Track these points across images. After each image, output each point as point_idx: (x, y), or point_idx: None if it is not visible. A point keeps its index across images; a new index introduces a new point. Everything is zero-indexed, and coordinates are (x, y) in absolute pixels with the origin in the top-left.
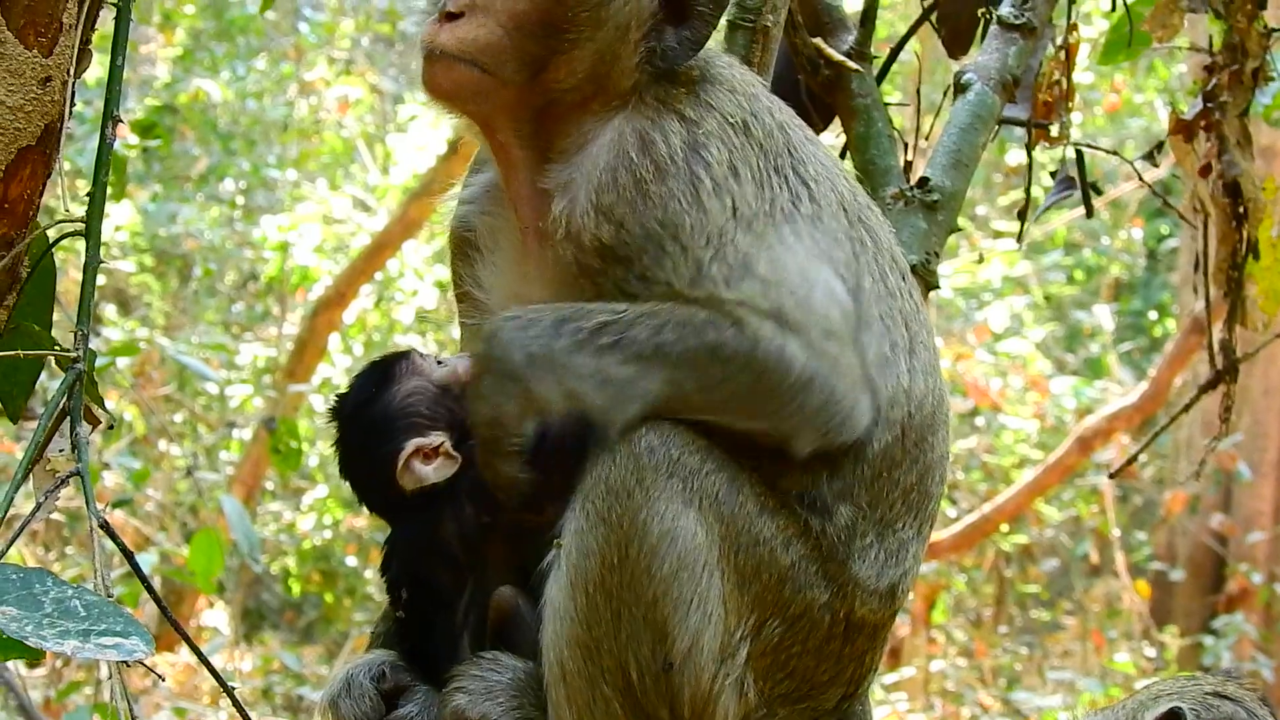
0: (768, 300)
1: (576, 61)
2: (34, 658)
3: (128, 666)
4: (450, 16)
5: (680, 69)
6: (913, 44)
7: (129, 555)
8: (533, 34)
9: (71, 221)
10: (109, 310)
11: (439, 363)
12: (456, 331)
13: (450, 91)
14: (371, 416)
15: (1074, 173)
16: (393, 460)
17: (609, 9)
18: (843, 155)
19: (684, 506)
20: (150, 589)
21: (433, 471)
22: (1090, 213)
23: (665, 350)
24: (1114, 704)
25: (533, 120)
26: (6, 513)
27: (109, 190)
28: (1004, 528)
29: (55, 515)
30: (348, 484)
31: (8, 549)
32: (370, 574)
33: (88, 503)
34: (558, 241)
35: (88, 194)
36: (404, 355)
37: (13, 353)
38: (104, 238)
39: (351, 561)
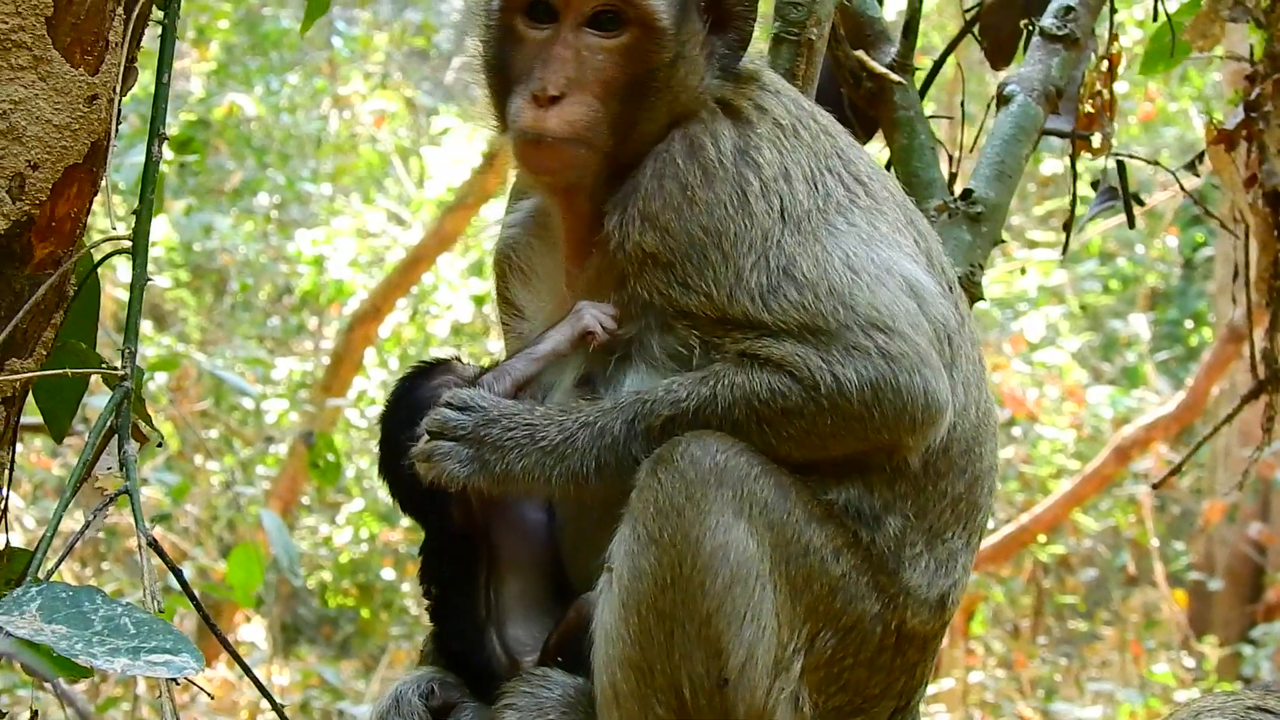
0: (803, 311)
1: (659, 110)
2: (81, 675)
3: (177, 683)
4: (553, 99)
5: (736, 71)
6: (951, 55)
7: (178, 573)
8: (622, 98)
9: (118, 239)
10: (144, 326)
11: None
12: (493, 344)
13: (557, 171)
14: (400, 409)
15: (1115, 183)
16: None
17: (683, 56)
18: (886, 168)
19: (735, 517)
20: (199, 605)
21: None
22: (1132, 223)
23: (738, 427)
24: None
25: (612, 171)
26: (55, 531)
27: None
28: (1041, 538)
29: (95, 534)
30: (385, 484)
31: (57, 566)
32: (407, 587)
33: (137, 520)
34: (607, 254)
35: (134, 211)
36: (443, 360)
37: (61, 370)
38: None
39: (388, 575)
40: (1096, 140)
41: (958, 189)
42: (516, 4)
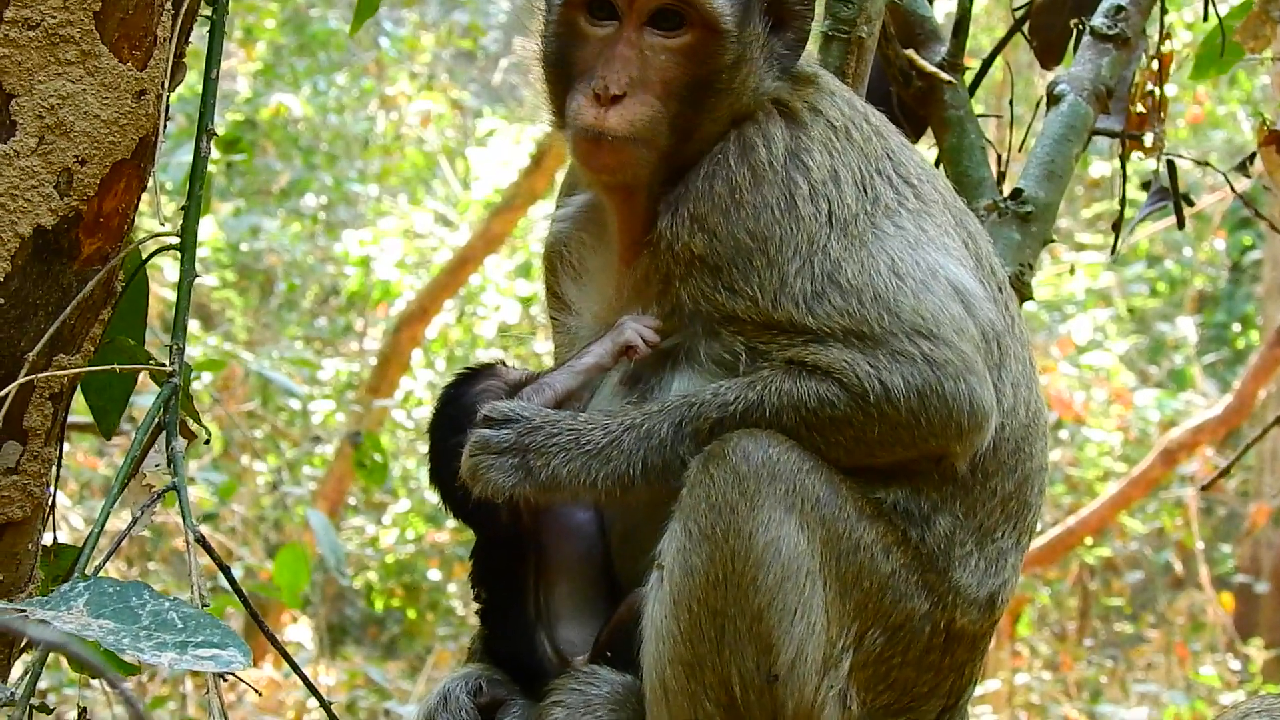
0: (848, 317)
1: (721, 111)
2: (129, 672)
3: (224, 681)
4: (615, 98)
5: (795, 69)
6: (998, 56)
7: (225, 569)
8: (683, 98)
9: (167, 236)
10: (191, 325)
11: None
12: (539, 346)
13: (616, 170)
14: (446, 416)
15: (1166, 184)
16: (458, 455)
17: (745, 58)
18: (935, 165)
19: (786, 513)
20: (247, 603)
21: None
22: (1182, 224)
23: (786, 432)
24: None
25: (671, 170)
26: (103, 527)
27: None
28: (1088, 541)
29: (142, 531)
30: (435, 490)
31: (104, 563)
32: (453, 588)
33: (184, 517)
34: (658, 253)
35: (182, 207)
36: (488, 364)
37: (109, 367)
38: None
39: (434, 575)
40: (1148, 140)
41: (1005, 189)
42: (578, 0)
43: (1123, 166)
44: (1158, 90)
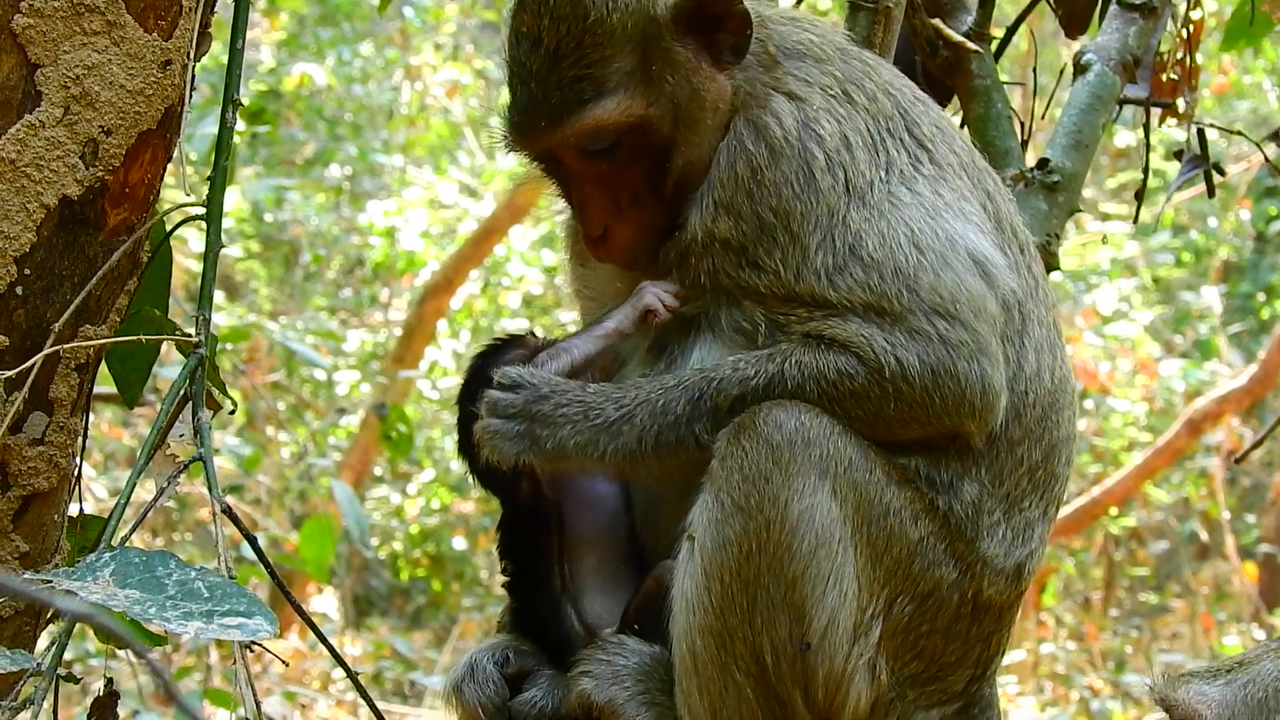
0: (869, 291)
1: (701, 134)
2: (156, 642)
3: (250, 652)
4: (600, 238)
5: (756, 52)
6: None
7: (252, 540)
8: (658, 177)
9: (192, 206)
10: (216, 296)
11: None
12: (564, 316)
13: (635, 263)
14: (472, 387)
15: (1198, 152)
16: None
17: (688, 99)
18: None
19: (820, 479)
20: (273, 573)
21: None
22: (1212, 193)
23: (810, 403)
24: (1223, 665)
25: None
26: (129, 498)
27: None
28: (1113, 511)
29: (167, 502)
30: (463, 461)
31: (130, 533)
32: (479, 558)
33: (211, 487)
34: (681, 237)
35: (207, 178)
36: (516, 335)
37: (136, 337)
38: None
39: (460, 545)
40: (1181, 105)
41: (1029, 158)
42: (527, 160)
43: (1146, 136)
44: (1188, 58)
